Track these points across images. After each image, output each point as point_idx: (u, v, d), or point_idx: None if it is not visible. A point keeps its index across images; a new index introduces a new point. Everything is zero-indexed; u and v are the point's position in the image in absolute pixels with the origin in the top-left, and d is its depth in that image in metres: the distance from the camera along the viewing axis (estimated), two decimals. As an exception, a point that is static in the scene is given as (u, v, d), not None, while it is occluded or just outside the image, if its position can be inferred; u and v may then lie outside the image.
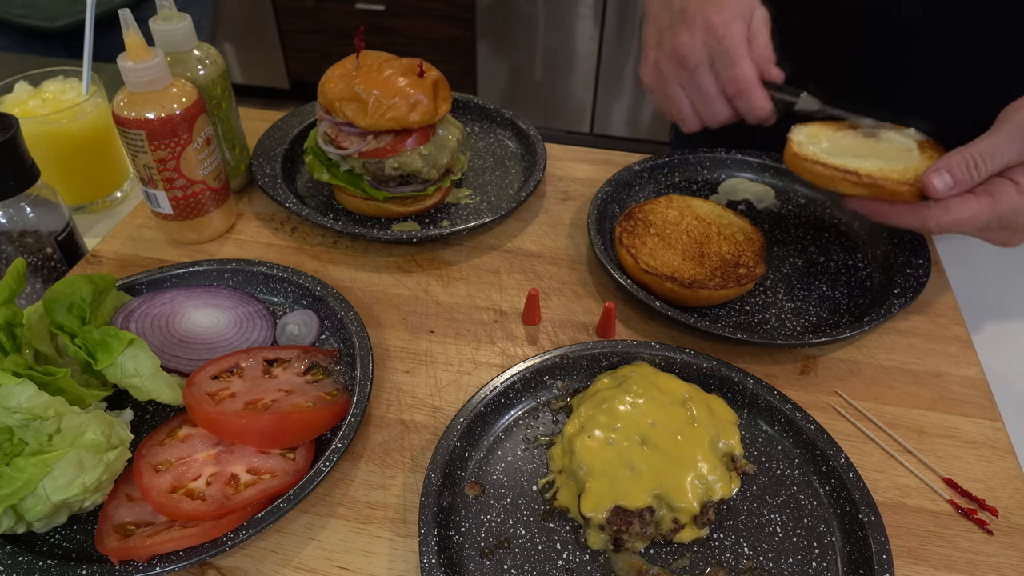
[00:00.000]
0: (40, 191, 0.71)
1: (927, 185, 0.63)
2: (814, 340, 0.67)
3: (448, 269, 0.80)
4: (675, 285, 0.70)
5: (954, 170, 0.62)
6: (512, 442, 0.61)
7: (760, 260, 0.74)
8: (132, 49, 0.68)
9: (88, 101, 0.84)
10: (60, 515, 0.53)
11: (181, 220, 0.78)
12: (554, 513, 0.56)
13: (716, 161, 0.91)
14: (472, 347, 0.71)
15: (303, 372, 0.64)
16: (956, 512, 0.58)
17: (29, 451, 0.49)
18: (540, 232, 0.85)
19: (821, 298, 0.76)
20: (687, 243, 0.76)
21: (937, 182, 0.62)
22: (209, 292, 0.72)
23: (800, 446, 0.60)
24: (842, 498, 0.56)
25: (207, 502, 0.52)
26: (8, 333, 0.54)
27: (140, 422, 0.62)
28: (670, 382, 0.60)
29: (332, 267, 0.80)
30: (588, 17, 2.73)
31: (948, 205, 0.62)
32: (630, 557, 0.54)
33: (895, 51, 0.83)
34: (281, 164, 0.89)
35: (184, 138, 0.72)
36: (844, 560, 0.53)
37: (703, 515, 0.54)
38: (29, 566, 0.51)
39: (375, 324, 0.73)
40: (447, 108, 0.81)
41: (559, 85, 2.95)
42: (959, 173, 0.62)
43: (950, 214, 0.62)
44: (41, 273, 0.73)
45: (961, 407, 0.66)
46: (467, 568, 0.53)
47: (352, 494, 0.58)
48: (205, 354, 0.65)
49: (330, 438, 0.60)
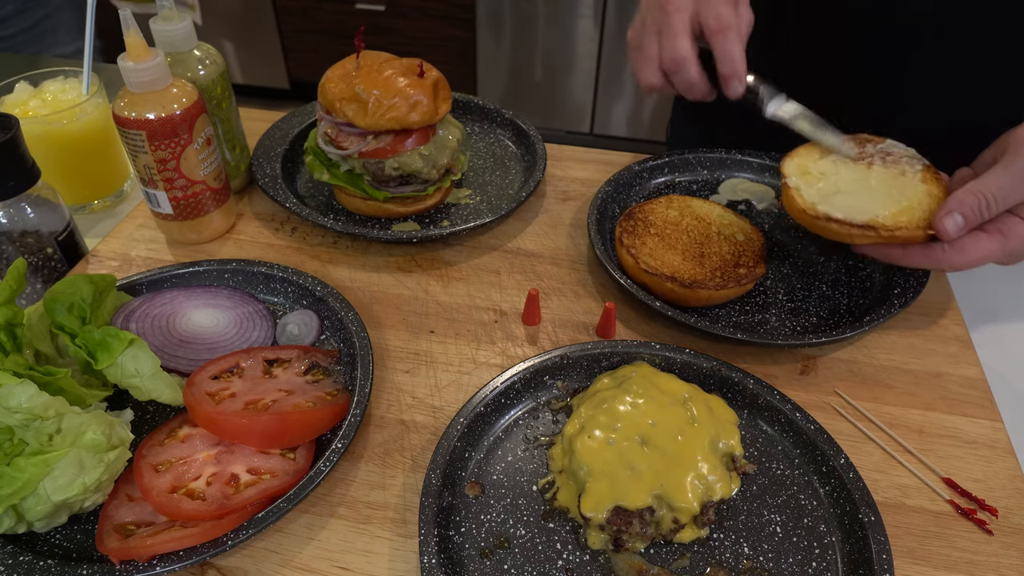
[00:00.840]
0: (40, 191, 0.71)
1: (940, 230, 0.63)
2: (814, 340, 0.67)
3: (448, 269, 0.80)
4: (675, 285, 0.70)
5: (966, 212, 0.62)
6: (512, 442, 0.61)
7: (760, 260, 0.74)
8: (132, 49, 0.68)
9: (88, 101, 0.84)
10: (60, 515, 0.53)
11: (181, 220, 0.79)
12: (554, 513, 0.56)
13: (716, 161, 0.91)
14: (472, 347, 0.71)
15: (303, 372, 0.64)
16: (956, 512, 0.58)
17: (29, 451, 0.49)
18: (540, 232, 0.85)
19: (821, 298, 0.76)
20: (687, 243, 0.76)
21: (950, 226, 0.62)
22: (209, 292, 0.72)
23: (800, 446, 0.60)
24: (842, 498, 0.56)
25: (207, 502, 0.52)
26: (8, 333, 0.54)
27: (140, 422, 0.62)
28: (670, 382, 0.60)
29: (332, 267, 0.80)
30: (588, 17, 2.73)
31: (963, 247, 0.63)
32: (630, 557, 0.54)
33: (901, 50, 0.83)
34: (281, 164, 0.89)
35: (184, 138, 0.72)
36: (844, 560, 0.53)
37: (703, 515, 0.54)
38: (30, 566, 0.51)
39: (375, 324, 0.73)
40: (447, 108, 0.81)
41: (559, 85, 2.95)
42: (971, 214, 0.62)
43: (964, 256, 0.62)
44: (41, 273, 0.73)
45: (961, 407, 0.66)
46: (467, 568, 0.53)
47: (352, 494, 0.58)
48: (205, 354, 0.65)
49: (330, 438, 0.60)
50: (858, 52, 0.86)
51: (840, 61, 0.88)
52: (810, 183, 0.72)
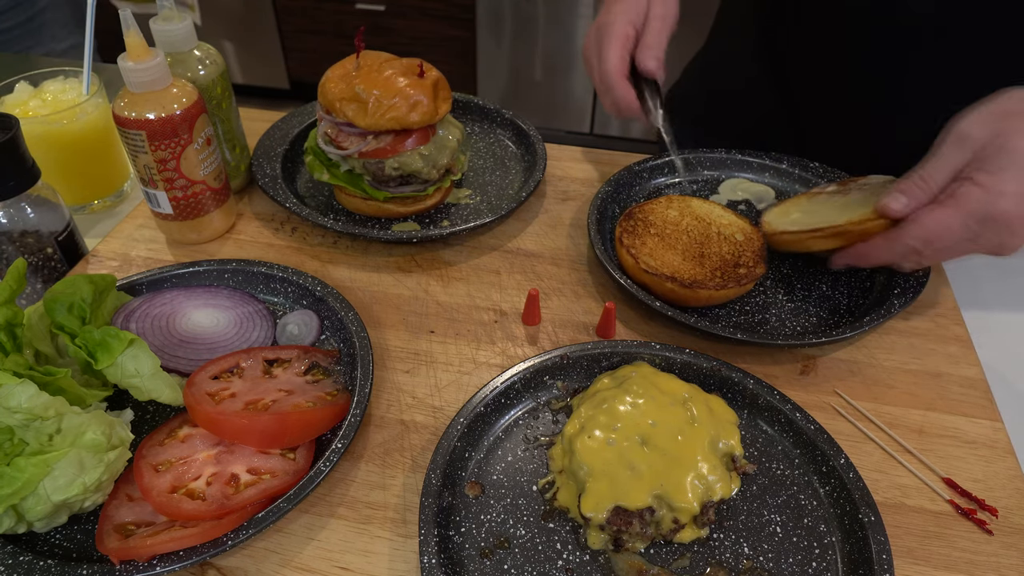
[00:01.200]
0: (40, 191, 0.71)
1: (884, 209, 0.66)
2: (814, 340, 0.67)
3: (448, 269, 0.80)
4: (675, 285, 0.70)
5: (905, 189, 0.65)
6: (512, 442, 0.61)
7: (760, 260, 0.74)
8: (132, 49, 0.68)
9: (88, 101, 0.84)
10: (61, 515, 0.53)
11: (181, 220, 0.79)
12: (554, 513, 0.56)
13: (716, 161, 0.91)
14: (472, 347, 0.71)
15: (303, 372, 0.64)
16: (956, 512, 0.58)
17: (30, 451, 0.49)
18: (540, 232, 0.85)
19: (821, 298, 0.76)
20: (687, 243, 0.76)
21: (893, 203, 0.66)
22: (209, 292, 0.72)
23: (800, 446, 0.60)
24: (842, 498, 0.56)
25: (207, 502, 0.52)
26: (9, 333, 0.54)
27: (140, 422, 0.62)
28: (670, 382, 0.60)
29: (332, 267, 0.80)
30: (588, 17, 2.73)
31: (917, 217, 0.64)
32: (630, 557, 0.54)
33: (901, 50, 0.83)
34: (281, 164, 0.89)
35: (184, 138, 0.72)
36: (844, 560, 0.53)
37: (703, 515, 0.54)
38: (30, 566, 0.51)
39: (375, 324, 0.73)
40: (447, 108, 0.81)
41: (559, 85, 2.95)
42: (911, 189, 0.65)
43: (922, 225, 0.64)
44: (41, 273, 0.73)
45: (961, 407, 0.66)
46: (467, 568, 0.53)
47: (352, 494, 0.58)
48: (205, 354, 0.65)
49: (330, 438, 0.60)
50: (858, 52, 0.86)
51: (840, 61, 0.88)
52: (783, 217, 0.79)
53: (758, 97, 0.99)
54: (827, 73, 0.88)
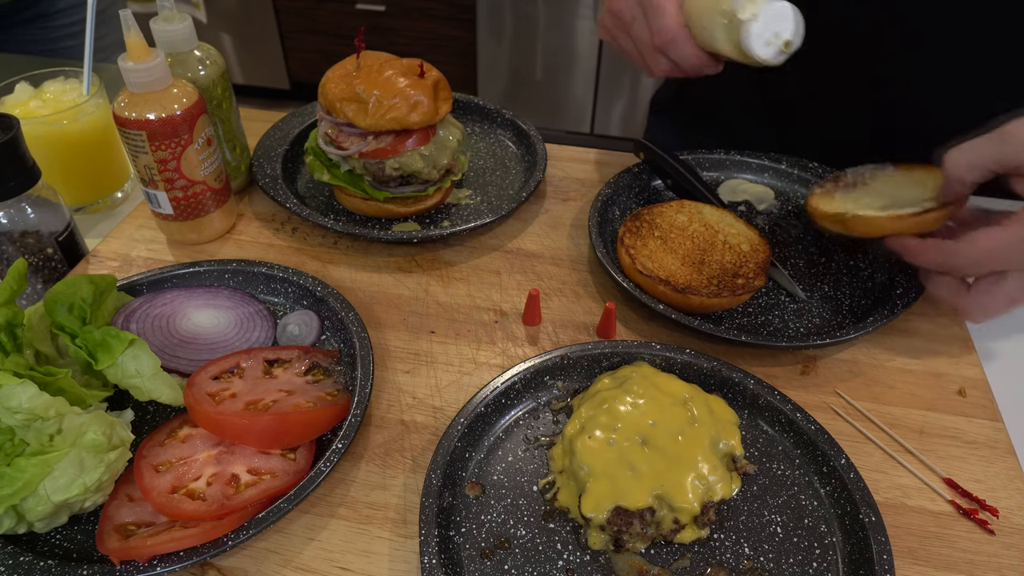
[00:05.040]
0: (41, 192, 0.71)
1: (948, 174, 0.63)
2: (818, 343, 0.67)
3: (448, 269, 0.80)
4: (667, 289, 0.70)
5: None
6: (512, 442, 0.61)
7: (761, 272, 0.73)
8: (133, 50, 0.68)
9: (89, 102, 0.84)
10: (61, 515, 0.53)
11: (182, 220, 0.79)
12: (554, 513, 0.56)
13: (716, 162, 0.91)
14: (472, 347, 0.71)
15: (304, 372, 0.64)
16: (957, 512, 0.58)
17: (30, 451, 0.49)
18: (540, 232, 0.85)
19: (823, 299, 0.76)
20: (689, 249, 0.75)
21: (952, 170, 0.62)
22: (210, 292, 0.72)
23: (801, 446, 0.60)
24: (843, 498, 0.56)
25: (207, 502, 0.52)
26: (9, 333, 0.54)
27: (141, 422, 0.62)
28: (670, 382, 0.60)
29: (332, 267, 0.80)
30: (588, 17, 2.73)
31: (975, 237, 0.61)
32: (630, 557, 0.54)
33: (901, 50, 0.83)
34: (281, 164, 0.89)
35: (185, 138, 0.72)
36: (845, 560, 0.53)
37: (704, 515, 0.54)
38: (30, 566, 0.51)
39: (375, 324, 0.73)
40: (447, 108, 0.81)
41: (559, 85, 2.95)
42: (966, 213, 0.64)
43: (977, 245, 0.61)
44: (42, 273, 0.73)
45: (961, 407, 0.66)
46: (468, 568, 0.53)
47: (352, 494, 0.58)
48: (206, 354, 0.65)
49: (331, 438, 0.60)
50: (858, 52, 0.86)
51: (840, 61, 0.88)
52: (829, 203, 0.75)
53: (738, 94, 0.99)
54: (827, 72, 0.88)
